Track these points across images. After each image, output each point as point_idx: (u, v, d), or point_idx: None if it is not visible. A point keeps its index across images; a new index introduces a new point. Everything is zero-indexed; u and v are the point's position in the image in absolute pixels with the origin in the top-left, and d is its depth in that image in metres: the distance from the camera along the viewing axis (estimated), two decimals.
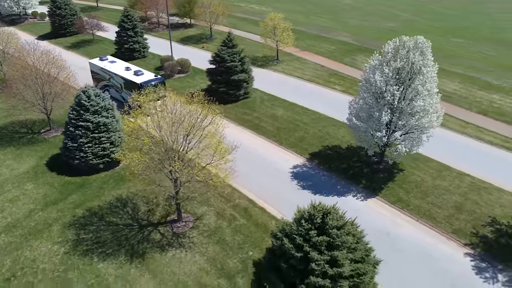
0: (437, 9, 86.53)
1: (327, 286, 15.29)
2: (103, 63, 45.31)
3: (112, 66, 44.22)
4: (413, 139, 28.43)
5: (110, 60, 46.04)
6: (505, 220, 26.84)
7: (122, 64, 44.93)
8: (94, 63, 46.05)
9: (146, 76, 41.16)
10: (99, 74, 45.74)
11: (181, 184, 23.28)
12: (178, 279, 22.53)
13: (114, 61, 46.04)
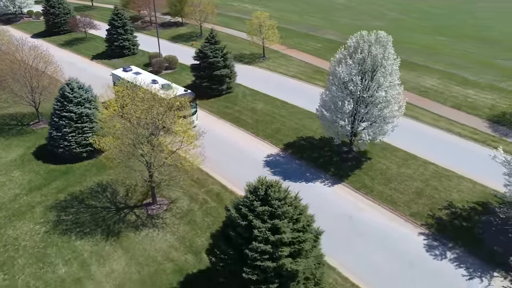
0: (424, 8, 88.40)
1: (268, 251, 17.28)
2: (127, 75, 41.84)
3: (137, 78, 39.01)
4: (377, 128, 30.33)
5: (134, 71, 43.12)
6: (460, 204, 28.76)
7: (147, 76, 42.00)
8: (117, 74, 43.11)
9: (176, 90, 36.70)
10: None
11: (153, 168, 25.26)
12: (149, 255, 24.55)
13: (139, 72, 43.13)
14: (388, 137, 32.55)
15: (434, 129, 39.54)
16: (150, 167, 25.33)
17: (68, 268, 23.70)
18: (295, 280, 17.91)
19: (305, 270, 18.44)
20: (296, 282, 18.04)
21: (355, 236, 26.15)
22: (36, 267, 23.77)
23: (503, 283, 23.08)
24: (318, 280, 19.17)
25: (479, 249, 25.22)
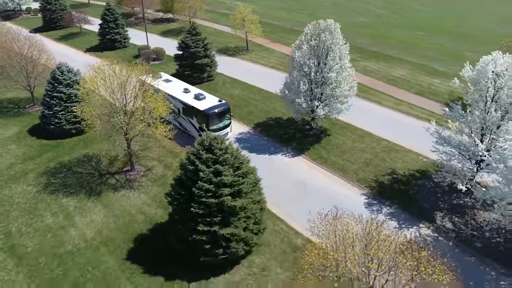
0: (413, 6, 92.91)
1: (211, 189, 22.11)
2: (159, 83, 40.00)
3: (168, 87, 39.75)
4: (331, 107, 35.14)
5: (164, 79, 42.14)
6: (402, 171, 33.49)
7: (179, 84, 41.34)
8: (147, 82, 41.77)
9: (209, 101, 37.48)
10: None
11: (129, 136, 30.18)
12: (124, 209, 29.45)
13: (169, 79, 42.50)
14: (349, 118, 37.55)
15: (395, 112, 44.12)
16: (127, 137, 30.19)
17: (54, 219, 28.58)
18: (235, 216, 22.67)
19: (246, 210, 23.19)
20: (236, 218, 22.81)
21: (306, 196, 30.81)
22: (27, 218, 28.65)
23: (426, 231, 27.78)
24: (258, 220, 23.92)
25: (411, 207, 29.89)
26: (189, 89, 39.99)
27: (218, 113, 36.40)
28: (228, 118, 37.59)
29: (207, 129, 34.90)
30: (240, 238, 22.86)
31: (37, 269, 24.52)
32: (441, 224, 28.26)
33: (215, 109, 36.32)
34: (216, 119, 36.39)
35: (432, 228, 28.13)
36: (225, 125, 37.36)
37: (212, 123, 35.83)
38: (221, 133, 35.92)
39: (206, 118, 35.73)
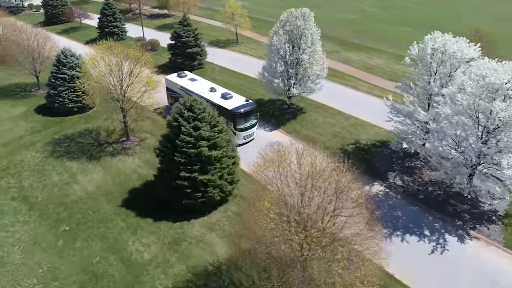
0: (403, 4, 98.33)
1: (191, 141, 27.58)
2: (183, 81, 42.00)
3: (194, 86, 40.55)
4: (304, 86, 40.61)
5: (189, 78, 42.92)
6: (365, 142, 38.92)
7: (205, 83, 41.82)
8: (172, 80, 42.74)
9: (236, 100, 38.01)
10: (177, 93, 41.82)
11: (125, 106, 35.69)
12: (120, 170, 34.89)
13: (195, 78, 42.95)
14: (324, 99, 43.74)
15: (368, 95, 49.55)
16: (124, 110, 35.72)
17: (60, 177, 34.04)
18: (212, 165, 28.12)
19: (221, 161, 28.62)
20: (213, 167, 28.27)
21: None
22: (37, 176, 34.10)
23: (379, 188, 33.17)
24: (231, 171, 29.35)
25: (369, 169, 35.18)
26: (215, 88, 40.17)
27: (245, 113, 36.76)
28: (254, 118, 38.07)
29: (234, 129, 36.77)
30: (216, 184, 28.25)
31: (46, 213, 29.91)
32: (393, 182, 33.65)
33: (243, 108, 36.78)
34: (243, 118, 36.94)
35: (384, 185, 33.50)
36: (251, 125, 37.94)
37: (239, 123, 36.64)
38: (247, 133, 37.83)
39: (233, 117, 36.30)
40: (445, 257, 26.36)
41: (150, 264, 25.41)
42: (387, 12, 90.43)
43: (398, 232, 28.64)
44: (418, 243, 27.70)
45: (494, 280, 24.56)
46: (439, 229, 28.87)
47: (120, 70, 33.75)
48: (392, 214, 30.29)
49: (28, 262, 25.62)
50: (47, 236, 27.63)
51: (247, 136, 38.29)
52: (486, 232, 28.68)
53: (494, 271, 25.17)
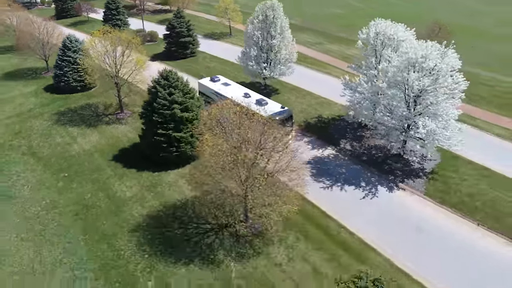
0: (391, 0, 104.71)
1: (166, 104, 34.89)
2: (216, 86, 42.53)
3: (227, 91, 40.56)
4: (274, 68, 47.69)
5: (222, 82, 43.47)
6: (326, 116, 45.82)
7: (238, 88, 42.10)
8: (205, 85, 43.36)
9: (272, 106, 38.09)
10: (210, 98, 41.88)
11: (120, 86, 43.19)
12: (113, 134, 42.28)
13: (228, 83, 43.44)
14: (299, 83, 51.02)
15: (338, 79, 56.13)
16: (117, 86, 43.20)
17: (63, 139, 41.58)
18: (184, 125, 35.36)
19: (192, 122, 35.80)
20: (185, 127, 35.49)
21: None
22: (43, 138, 41.66)
23: (331, 151, 39.98)
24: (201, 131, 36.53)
25: (326, 137, 41.99)
26: (249, 93, 40.17)
27: (281, 120, 36.14)
28: (290, 125, 37.58)
29: None
30: (187, 141, 35.42)
31: (50, 164, 37.44)
32: (343, 147, 40.46)
33: (279, 115, 36.35)
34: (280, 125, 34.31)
35: (335, 150, 40.31)
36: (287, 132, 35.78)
37: None
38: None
39: None
40: (374, 201, 33.03)
41: (131, 199, 32.66)
42: (372, 8, 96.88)
43: (339, 183, 35.38)
44: (354, 191, 34.44)
45: (407, 216, 31.27)
46: (374, 182, 35.59)
47: (114, 51, 41.13)
48: (337, 170, 37.05)
49: (34, 196, 33.07)
50: (50, 179, 35.10)
51: None
52: (412, 184, 35.33)
53: (414, 212, 31.83)
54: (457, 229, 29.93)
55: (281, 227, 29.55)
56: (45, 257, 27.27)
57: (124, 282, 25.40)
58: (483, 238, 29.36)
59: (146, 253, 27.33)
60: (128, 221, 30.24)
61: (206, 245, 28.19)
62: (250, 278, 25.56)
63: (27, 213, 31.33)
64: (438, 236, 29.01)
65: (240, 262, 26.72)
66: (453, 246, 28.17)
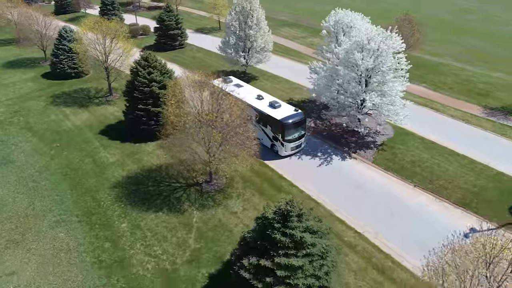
0: None
1: (146, 82, 40.65)
2: (228, 88, 39.99)
3: (240, 92, 40.78)
4: (252, 56, 53.45)
5: (235, 83, 43.70)
6: (296, 99, 51.42)
7: (251, 90, 42.39)
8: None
9: (285, 109, 38.30)
10: None
11: (109, 71, 49.07)
12: (102, 113, 48.01)
13: (240, 84, 43.86)
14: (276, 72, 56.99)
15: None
16: (106, 69, 49.10)
17: (56, 117, 47.42)
18: (161, 100, 41.14)
19: None
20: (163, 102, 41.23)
21: None
22: (39, 117, 47.46)
23: None
24: None
25: None
26: (262, 95, 40.55)
27: (295, 123, 36.90)
28: (303, 128, 38.37)
29: (283, 140, 37.06)
30: None
31: (44, 136, 43.22)
32: (307, 124, 45.99)
33: (292, 118, 36.81)
34: (293, 129, 37.04)
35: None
36: (300, 136, 38.01)
37: (288, 134, 36.82)
38: (295, 144, 38.05)
39: (282, 128, 36.61)
40: (327, 167, 38.43)
41: (113, 164, 38.41)
42: (360, 4, 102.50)
43: (298, 154, 40.89)
44: (310, 160, 39.84)
45: (354, 179, 36.70)
46: (330, 153, 41.08)
47: (103, 38, 47.09)
48: None
49: (29, 161, 38.91)
50: (43, 148, 40.95)
51: (295, 147, 38.44)
52: (363, 154, 40.80)
53: (360, 176, 37.20)
54: (396, 189, 35.25)
55: (241, 186, 35.09)
56: (37, 206, 32.88)
57: (102, 224, 31.02)
58: (417, 196, 34.68)
59: (122, 204, 32.97)
60: (109, 180, 35.92)
61: (175, 198, 33.73)
62: (208, 222, 31.12)
63: (23, 173, 37.09)
64: (378, 194, 34.28)
65: (201, 211, 32.29)
66: (390, 201, 33.53)
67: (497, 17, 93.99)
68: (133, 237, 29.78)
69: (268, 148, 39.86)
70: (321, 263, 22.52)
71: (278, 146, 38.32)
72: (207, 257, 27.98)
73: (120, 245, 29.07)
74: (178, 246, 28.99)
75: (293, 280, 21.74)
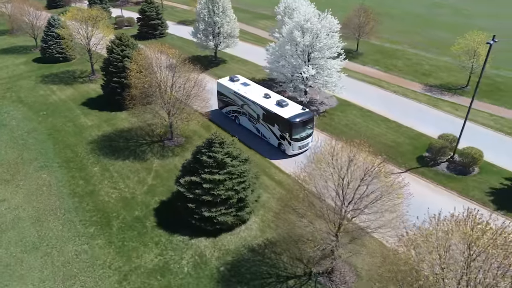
0: None
1: (120, 58, 48.95)
2: (235, 86, 44.15)
3: (247, 91, 42.34)
4: (221, 42, 61.71)
5: (242, 82, 45.04)
6: (259, 78, 59.59)
7: (258, 89, 43.56)
8: (225, 85, 45.15)
9: (292, 108, 38.90)
10: (229, 98, 44.60)
11: (91, 53, 57.32)
12: (85, 90, 56.17)
13: (247, 83, 44.93)
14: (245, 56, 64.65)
15: None
16: (89, 51, 57.38)
17: (44, 92, 55.49)
18: None
19: None
20: None
21: None
22: (29, 92, 55.56)
23: None
24: None
25: None
26: (269, 94, 41.55)
27: (302, 122, 37.49)
28: (311, 127, 38.93)
29: (290, 138, 37.83)
30: None
31: (33, 107, 51.34)
32: None
33: (300, 117, 37.39)
34: (300, 128, 37.69)
35: None
36: (307, 135, 38.55)
37: (295, 132, 37.51)
38: (302, 143, 38.61)
39: (289, 126, 37.26)
40: None
41: (91, 127, 46.51)
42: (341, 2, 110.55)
43: None
44: None
45: None
46: None
47: (85, 24, 55.42)
48: None
49: (20, 125, 47.03)
50: (32, 116, 49.09)
51: (302, 146, 39.15)
52: None
53: None
54: None
55: (198, 143, 43.10)
56: (25, 156, 40.99)
57: (78, 168, 39.10)
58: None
59: (96, 154, 41.07)
60: (86, 138, 44.07)
61: (140, 151, 41.83)
62: (165, 167, 39.17)
63: (14, 134, 45.23)
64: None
65: (161, 160, 40.39)
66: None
67: (465, 10, 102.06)
68: (102, 176, 37.79)
69: (275, 147, 41.45)
70: (240, 181, 30.48)
71: (285, 145, 38.98)
72: (160, 190, 35.92)
73: (92, 182, 37.08)
74: (138, 183, 36.98)
75: (216, 191, 29.69)
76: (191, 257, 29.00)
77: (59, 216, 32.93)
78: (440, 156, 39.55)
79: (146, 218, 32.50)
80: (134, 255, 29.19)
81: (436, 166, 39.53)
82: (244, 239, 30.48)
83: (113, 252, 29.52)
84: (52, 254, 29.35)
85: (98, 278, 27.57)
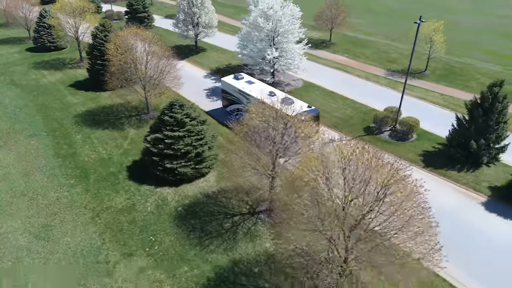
0: None
1: (102, 43, 55.44)
2: (240, 84, 44.44)
3: (252, 89, 42.37)
4: (198, 31, 68.25)
5: (246, 80, 45.32)
6: (234, 64, 66.02)
7: (262, 87, 43.50)
8: (229, 83, 45.52)
9: (298, 106, 37.38)
10: (234, 96, 44.81)
11: (79, 41, 63.87)
12: (73, 74, 62.87)
13: (252, 81, 45.28)
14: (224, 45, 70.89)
15: None
16: (77, 39, 63.89)
17: (36, 76, 62.02)
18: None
19: None
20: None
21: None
22: (22, 76, 62.09)
23: None
24: None
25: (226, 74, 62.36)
26: (274, 92, 41.58)
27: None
28: (316, 124, 36.16)
29: None
30: None
31: (25, 88, 57.76)
32: None
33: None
34: None
35: None
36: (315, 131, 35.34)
37: None
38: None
39: None
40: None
41: (76, 104, 52.93)
42: None
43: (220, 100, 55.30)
44: None
45: None
46: None
47: (73, 15, 61.98)
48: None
49: (12, 102, 53.44)
50: (24, 96, 55.51)
51: None
52: None
53: None
54: None
55: None
56: (16, 127, 47.34)
57: (62, 136, 45.45)
58: None
59: (79, 125, 47.46)
60: (72, 113, 50.50)
61: (119, 122, 48.18)
62: (140, 135, 45.31)
63: (6, 110, 51.63)
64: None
65: (137, 130, 46.71)
66: None
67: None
68: (84, 142, 44.18)
69: None
70: (197, 138, 36.81)
71: None
72: (134, 152, 42.23)
73: (74, 147, 43.46)
74: (115, 147, 43.34)
75: (176, 146, 36.01)
76: (154, 200, 35.21)
77: (45, 172, 39.16)
78: (384, 126, 45.71)
79: (119, 173, 38.79)
80: (106, 199, 35.43)
81: (380, 134, 45.68)
82: (202, 188, 36.69)
83: (89, 197, 35.77)
84: (37, 199, 35.54)
85: (75, 215, 33.76)
